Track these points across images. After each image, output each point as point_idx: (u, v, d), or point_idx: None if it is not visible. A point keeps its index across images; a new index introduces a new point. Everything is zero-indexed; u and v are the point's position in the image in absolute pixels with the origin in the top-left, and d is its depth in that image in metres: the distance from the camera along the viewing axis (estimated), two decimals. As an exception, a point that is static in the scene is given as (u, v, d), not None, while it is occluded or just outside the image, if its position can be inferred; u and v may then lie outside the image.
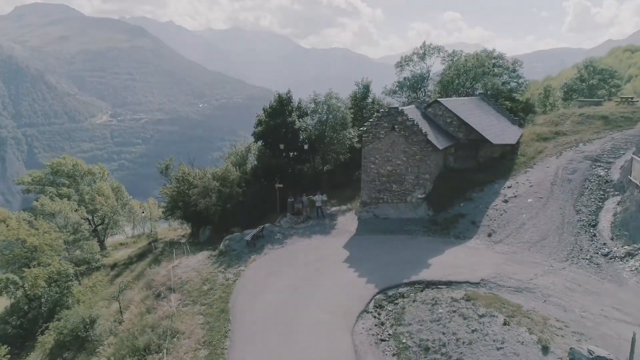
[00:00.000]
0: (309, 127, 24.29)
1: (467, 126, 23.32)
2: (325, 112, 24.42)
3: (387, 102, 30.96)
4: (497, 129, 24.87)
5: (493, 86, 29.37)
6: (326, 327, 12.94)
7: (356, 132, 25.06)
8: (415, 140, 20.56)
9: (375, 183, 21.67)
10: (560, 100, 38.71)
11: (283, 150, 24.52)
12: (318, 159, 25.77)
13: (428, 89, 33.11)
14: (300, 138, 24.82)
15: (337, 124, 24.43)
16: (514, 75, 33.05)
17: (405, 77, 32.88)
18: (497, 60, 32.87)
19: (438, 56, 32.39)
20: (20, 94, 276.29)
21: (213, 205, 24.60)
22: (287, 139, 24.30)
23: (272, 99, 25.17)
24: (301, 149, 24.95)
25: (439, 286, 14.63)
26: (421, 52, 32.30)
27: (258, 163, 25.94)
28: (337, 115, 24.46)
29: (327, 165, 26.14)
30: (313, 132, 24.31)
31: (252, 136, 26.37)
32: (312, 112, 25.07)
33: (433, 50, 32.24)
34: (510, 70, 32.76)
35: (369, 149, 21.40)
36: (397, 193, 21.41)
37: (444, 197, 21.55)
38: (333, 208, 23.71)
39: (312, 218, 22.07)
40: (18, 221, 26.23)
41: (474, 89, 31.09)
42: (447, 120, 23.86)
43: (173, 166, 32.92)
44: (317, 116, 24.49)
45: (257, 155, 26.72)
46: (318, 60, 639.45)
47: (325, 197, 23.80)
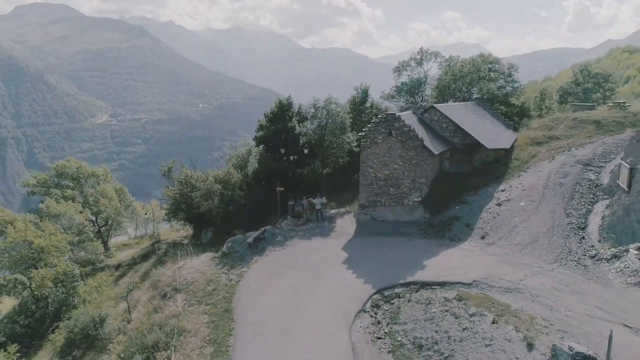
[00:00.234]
0: (308, 132, 24.96)
1: (462, 131, 24.01)
2: (325, 117, 25.09)
3: (385, 107, 31.65)
4: (492, 134, 25.56)
5: (489, 91, 30.08)
6: (325, 325, 13.60)
7: (355, 137, 25.72)
8: (411, 145, 21.25)
9: (373, 186, 22.35)
10: (556, 103, 39.45)
11: (284, 154, 25.21)
12: (318, 163, 26.45)
13: (425, 93, 33.82)
14: (301, 142, 25.51)
15: (337, 129, 25.11)
16: (510, 79, 33.76)
17: (402, 82, 33.61)
18: (493, 65, 33.57)
19: (435, 61, 33.17)
20: (20, 94, 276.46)
21: (215, 208, 25.28)
22: (288, 143, 24.99)
23: (273, 104, 25.84)
24: (301, 153, 25.64)
25: (433, 287, 15.28)
26: (418, 57, 33.04)
27: (259, 166, 26.62)
28: (336, 120, 25.13)
29: (326, 169, 26.81)
30: (313, 137, 24.98)
31: (253, 140, 27.03)
32: (311, 117, 25.74)
33: (430, 55, 32.98)
34: (506, 75, 33.46)
35: (367, 153, 22.09)
36: (394, 196, 22.10)
37: (440, 200, 22.22)
38: (332, 210, 24.40)
39: (312, 220, 22.74)
40: (25, 223, 26.86)
41: (470, 93, 31.80)
42: (443, 126, 24.56)
43: (175, 168, 33.61)
44: (317, 121, 25.16)
45: (258, 159, 27.41)
46: (318, 60, 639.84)
47: (324, 199, 24.48)
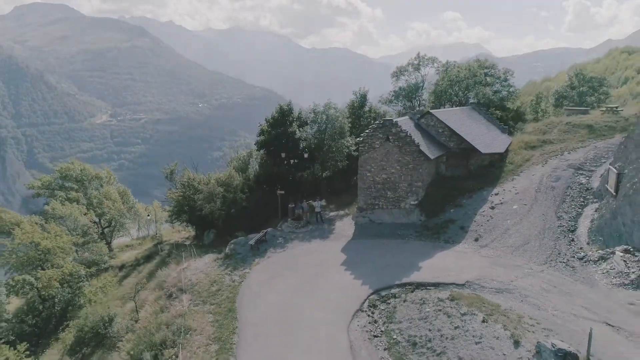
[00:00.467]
0: (308, 136, 25.65)
1: (458, 136, 24.72)
2: (324, 121, 25.78)
3: (383, 111, 32.36)
4: (487, 138, 26.26)
5: (484, 95, 30.79)
6: (325, 324, 14.27)
7: (353, 141, 26.42)
8: (408, 150, 21.95)
9: (371, 190, 23.05)
10: (551, 106, 40.16)
11: (284, 158, 25.91)
12: (317, 166, 27.14)
13: (423, 97, 34.54)
14: (301, 146, 26.22)
15: (336, 133, 25.80)
16: (506, 84, 34.47)
17: (400, 86, 34.33)
18: (489, 70, 34.29)
19: (432, 66, 33.87)
20: (20, 94, 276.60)
21: (217, 210, 25.98)
22: (288, 147, 25.70)
23: (274, 110, 26.53)
24: (301, 157, 26.35)
25: (427, 287, 15.96)
26: (416, 63, 33.77)
27: (260, 170, 27.33)
28: (335, 125, 25.83)
29: (326, 172, 27.51)
30: (312, 141, 25.67)
31: (255, 145, 27.73)
32: (311, 121, 26.44)
33: (427, 61, 33.70)
34: (502, 79, 34.18)
35: (365, 158, 22.79)
36: (392, 199, 22.80)
37: (436, 204, 22.92)
38: (331, 213, 25.09)
39: (311, 223, 23.43)
40: (32, 225, 27.53)
41: (466, 97, 32.50)
42: (439, 131, 25.26)
43: (177, 170, 34.30)
44: (317, 126, 25.85)
45: (259, 162, 28.10)
46: (318, 60, 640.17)
47: (324, 202, 25.17)
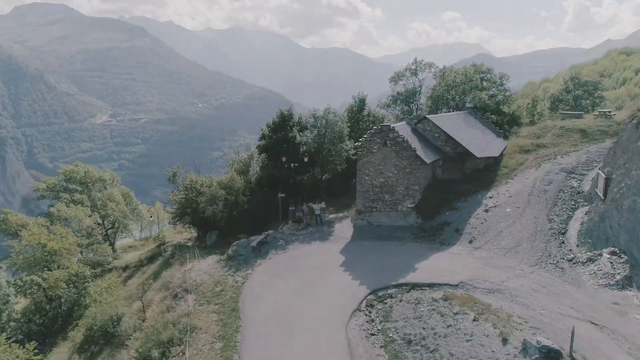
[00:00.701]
0: (308, 141, 26.35)
1: (453, 141, 25.43)
2: (324, 126, 26.48)
3: (382, 115, 33.09)
4: (482, 143, 26.97)
5: (480, 100, 31.52)
6: (324, 323, 14.98)
7: (352, 144, 27.12)
8: (405, 155, 22.66)
9: (369, 193, 23.76)
10: (547, 110, 40.89)
11: (285, 162, 26.61)
12: (317, 170, 27.85)
13: (420, 102, 35.28)
14: (301, 151, 26.92)
15: (335, 138, 26.50)
16: (502, 88, 35.21)
17: (398, 91, 35.08)
18: (485, 74, 35.03)
19: (429, 71, 34.61)
20: (20, 94, 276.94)
21: (220, 212, 26.67)
22: (289, 151, 26.41)
23: (275, 115, 27.24)
24: (301, 160, 27.06)
25: (423, 288, 16.65)
26: (413, 68, 34.52)
27: (262, 173, 28.03)
28: (335, 130, 26.52)
29: (325, 175, 28.21)
30: (312, 145, 26.37)
31: (256, 149, 28.42)
32: (311, 126, 27.14)
33: (424, 66, 34.45)
34: (498, 84, 34.92)
35: (363, 162, 23.50)
36: (389, 202, 23.51)
37: (432, 207, 23.62)
38: (331, 215, 25.81)
39: (311, 225, 24.14)
40: (38, 226, 28.21)
41: (463, 102, 33.22)
42: (436, 135, 25.97)
43: (180, 173, 34.98)
44: (316, 130, 26.54)
45: (260, 166, 28.80)
46: (318, 60, 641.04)
47: (323, 204, 25.88)
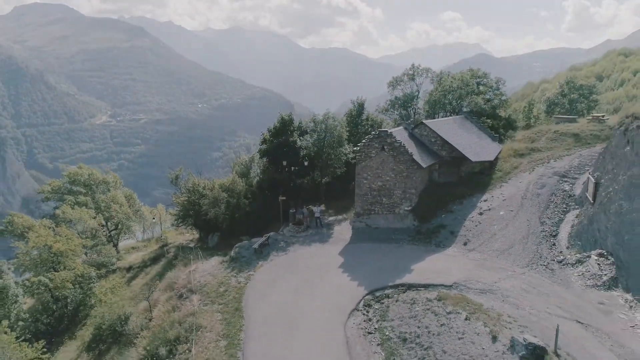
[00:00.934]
0: (308, 145, 27.06)
1: (449, 145, 26.15)
2: (324, 131, 27.19)
3: (380, 119, 33.83)
4: (477, 147, 27.70)
5: (476, 105, 32.27)
6: (323, 322, 15.69)
7: (351, 148, 27.85)
8: (402, 159, 23.39)
9: (367, 196, 24.48)
10: (543, 113, 41.66)
11: (285, 166, 27.32)
12: (317, 173, 28.56)
13: (418, 106, 36.04)
14: (301, 155, 27.63)
15: (334, 142, 27.21)
16: (498, 92, 35.96)
17: (396, 96, 35.84)
18: (481, 79, 35.78)
19: (427, 76, 35.37)
20: (20, 94, 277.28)
21: (222, 215, 27.38)
22: (289, 155, 27.13)
23: (276, 120, 27.95)
24: (302, 164, 27.77)
25: (418, 288, 17.34)
26: (411, 73, 35.29)
27: (263, 177, 28.75)
28: (334, 134, 27.24)
29: (325, 178, 28.93)
30: (312, 149, 27.08)
31: (258, 153, 29.14)
32: (311, 130, 27.86)
33: (422, 71, 35.23)
34: (494, 88, 35.67)
35: (361, 166, 24.22)
36: (387, 205, 24.23)
37: (428, 209, 24.34)
38: (330, 218, 26.51)
39: (311, 227, 24.84)
40: (45, 228, 28.89)
41: (460, 106, 33.96)
42: (432, 140, 26.70)
43: (182, 175, 35.68)
44: (316, 134, 27.25)
45: (262, 169, 29.52)
46: (317, 60, 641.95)
47: (323, 207, 26.58)
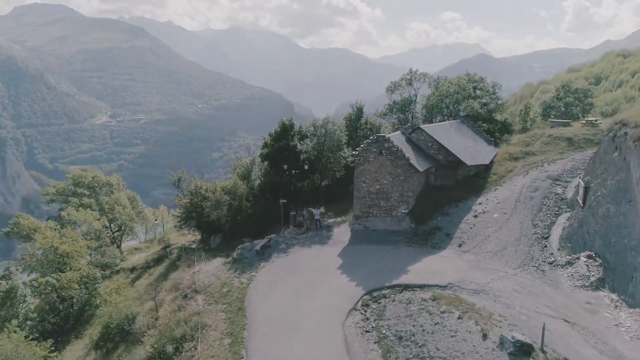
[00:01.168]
0: (308, 149, 27.80)
1: (445, 149, 26.88)
2: (323, 135, 27.93)
3: (379, 122, 34.57)
4: (473, 151, 28.43)
5: (473, 109, 33.03)
6: (323, 321, 16.36)
7: (350, 152, 28.59)
8: (399, 163, 24.10)
9: (365, 199, 25.19)
10: (539, 116, 42.43)
11: (286, 169, 28.06)
12: (317, 176, 29.30)
13: (415, 110, 36.82)
14: (301, 158, 28.38)
15: (334, 146, 27.96)
16: (494, 97, 36.74)
17: (394, 100, 36.63)
18: (477, 84, 36.56)
19: (424, 81, 36.16)
20: (20, 95, 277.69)
21: (224, 217, 28.09)
22: (290, 159, 27.89)
23: (277, 124, 28.69)
24: (302, 168, 28.52)
25: (414, 289, 18.00)
26: (408, 78, 36.09)
27: (264, 180, 29.50)
28: (333, 138, 27.99)
29: (324, 182, 29.67)
30: (312, 153, 27.81)
31: (259, 157, 29.88)
32: (311, 135, 28.59)
33: (419, 76, 36.04)
34: (490, 92, 36.46)
35: (360, 170, 24.93)
36: (385, 208, 24.94)
37: (425, 212, 25.06)
38: (330, 220, 27.24)
39: (311, 229, 25.55)
40: (51, 230, 29.59)
41: (457, 110, 34.73)
42: (429, 144, 27.43)
43: (185, 178, 36.40)
44: (316, 139, 28.00)
45: (263, 173, 30.26)
46: (317, 60, 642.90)
47: (322, 209, 27.30)
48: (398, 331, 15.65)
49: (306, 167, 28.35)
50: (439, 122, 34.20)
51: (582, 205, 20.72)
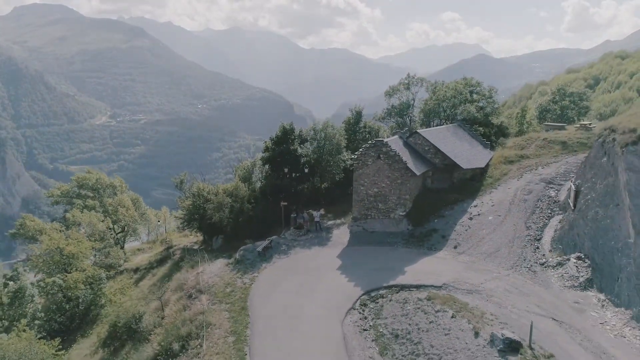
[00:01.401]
0: (308, 152, 28.54)
1: (442, 153, 27.61)
2: (323, 139, 28.66)
3: (377, 126, 35.33)
4: (469, 154, 29.16)
5: (469, 113, 33.79)
6: (322, 320, 17.06)
7: (349, 155, 29.31)
8: (397, 167, 24.84)
9: (364, 202, 25.92)
10: (536, 119, 43.19)
11: (287, 172, 28.79)
12: (317, 179, 30.03)
13: (413, 114, 37.58)
14: (301, 162, 29.11)
15: (333, 149, 28.69)
16: (490, 100, 37.50)
17: (393, 104, 37.41)
18: (474, 88, 37.32)
19: (422, 86, 36.94)
20: (20, 95, 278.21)
21: (226, 218, 28.79)
22: (290, 162, 28.62)
23: (278, 129, 29.40)
24: (302, 171, 29.27)
25: (410, 289, 18.72)
26: (406, 82, 36.86)
27: (265, 182, 30.22)
28: (333, 142, 28.71)
29: (324, 184, 30.39)
30: (312, 157, 28.55)
31: (260, 160, 30.62)
32: (311, 138, 29.33)
33: (417, 80, 36.82)
34: (486, 96, 37.22)
35: (359, 173, 25.66)
36: (383, 210, 25.67)
37: (422, 214, 25.77)
38: (329, 222, 27.95)
39: (311, 231, 26.25)
40: (57, 232, 30.30)
41: (454, 114, 35.47)
42: (426, 148, 28.16)
43: (187, 180, 37.10)
44: (316, 142, 28.74)
45: (264, 175, 31.00)
46: (317, 60, 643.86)
47: (322, 211, 28.00)
48: (394, 329, 16.36)
49: (306, 170, 29.08)
50: (436, 125, 34.93)
51: (573, 208, 21.44)
